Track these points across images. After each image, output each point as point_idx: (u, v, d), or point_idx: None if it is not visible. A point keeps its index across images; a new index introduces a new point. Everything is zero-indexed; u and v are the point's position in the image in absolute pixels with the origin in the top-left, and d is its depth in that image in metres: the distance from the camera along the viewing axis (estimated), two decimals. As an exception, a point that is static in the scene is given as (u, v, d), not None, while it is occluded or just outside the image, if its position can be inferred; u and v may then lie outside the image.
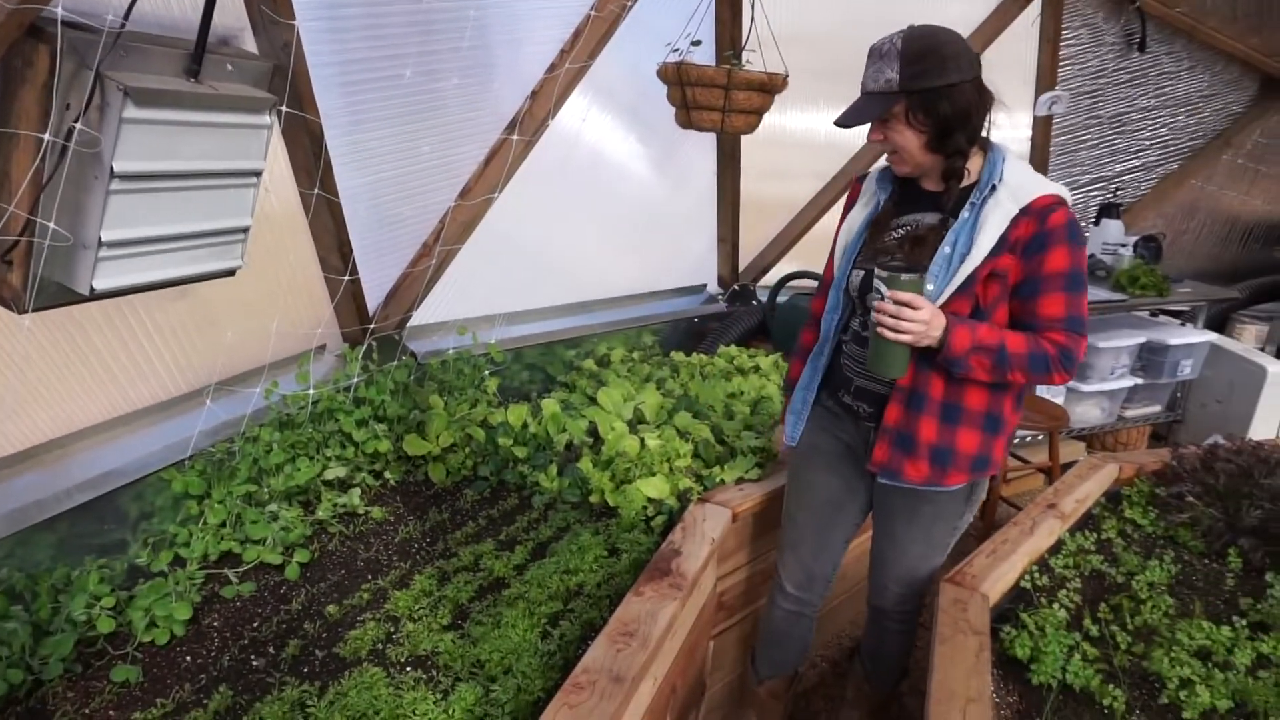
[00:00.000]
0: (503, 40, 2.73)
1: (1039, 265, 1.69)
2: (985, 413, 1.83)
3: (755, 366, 3.51)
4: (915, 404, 1.82)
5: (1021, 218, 1.68)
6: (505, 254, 3.24)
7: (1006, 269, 1.70)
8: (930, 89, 1.64)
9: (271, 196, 2.24)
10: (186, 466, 2.20)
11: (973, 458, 1.85)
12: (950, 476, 1.86)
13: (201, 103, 1.62)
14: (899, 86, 1.64)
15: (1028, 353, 1.70)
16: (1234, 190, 5.69)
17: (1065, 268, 1.69)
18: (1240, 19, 4.68)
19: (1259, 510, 2.20)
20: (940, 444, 1.83)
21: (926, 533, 1.98)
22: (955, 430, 1.82)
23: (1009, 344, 1.69)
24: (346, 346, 2.77)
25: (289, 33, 1.94)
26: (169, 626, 1.82)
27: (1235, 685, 1.64)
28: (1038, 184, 1.73)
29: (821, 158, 4.21)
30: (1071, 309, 1.71)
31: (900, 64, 1.64)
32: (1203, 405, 4.70)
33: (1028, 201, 1.69)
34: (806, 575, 2.20)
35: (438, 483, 2.56)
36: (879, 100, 1.69)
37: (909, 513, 1.96)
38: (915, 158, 1.74)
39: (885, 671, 2.28)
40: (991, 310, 1.74)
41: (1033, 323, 1.74)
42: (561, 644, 1.76)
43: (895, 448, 1.86)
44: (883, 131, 1.73)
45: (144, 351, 2.08)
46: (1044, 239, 1.67)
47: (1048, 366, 1.71)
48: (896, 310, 1.62)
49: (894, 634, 2.18)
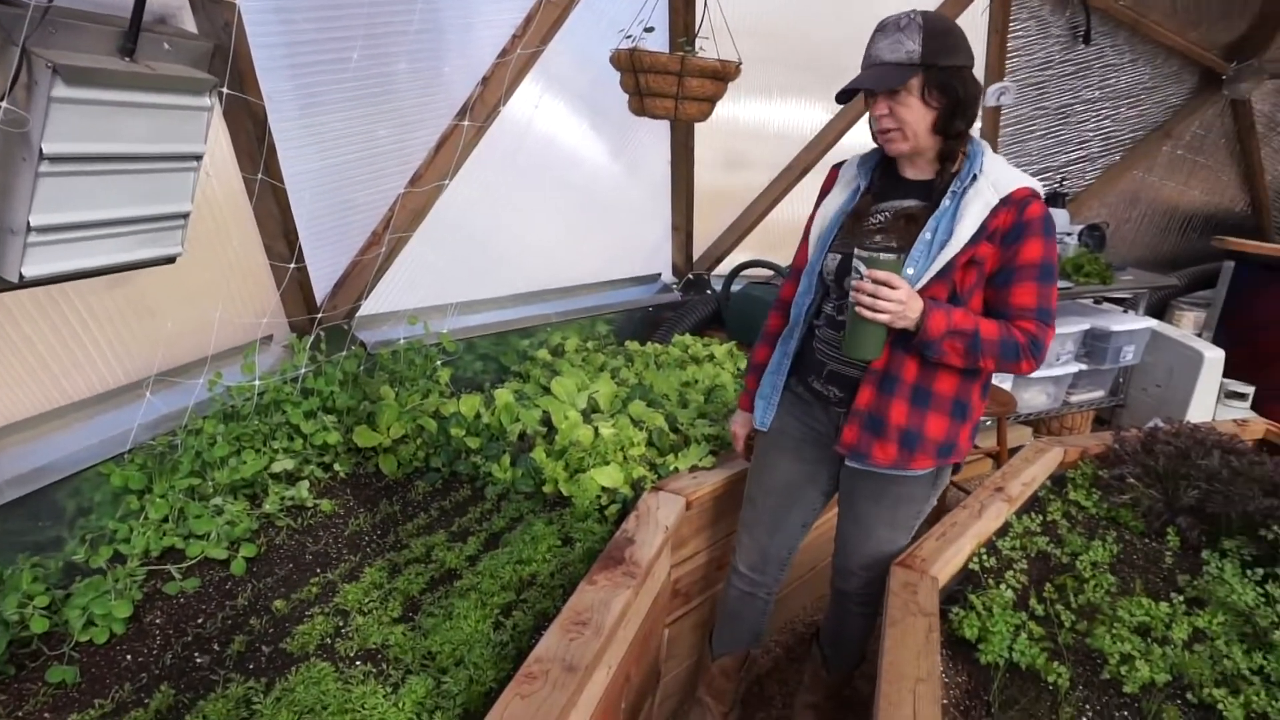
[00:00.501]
0: (453, 24, 2.69)
1: (1015, 255, 1.73)
2: (954, 399, 1.87)
3: (710, 355, 3.52)
4: (887, 387, 1.84)
5: (1001, 207, 1.71)
6: (457, 242, 3.20)
7: (984, 257, 1.73)
8: (948, 67, 1.67)
9: (213, 181, 2.18)
10: (126, 460, 2.13)
11: (940, 443, 1.89)
12: (917, 460, 1.89)
13: (137, 82, 1.57)
14: (920, 59, 1.65)
15: (999, 339, 1.73)
16: (1173, 181, 5.85)
17: (1039, 259, 1.73)
18: (1180, 13, 4.80)
19: (1195, 490, 2.27)
20: (909, 427, 1.85)
21: (892, 515, 2.00)
22: (925, 414, 1.85)
23: (983, 330, 1.72)
24: (294, 336, 2.71)
25: (229, 11, 1.88)
26: (108, 625, 1.77)
27: (1173, 659, 1.69)
28: (1017, 176, 1.76)
29: (775, 148, 4.23)
30: (1042, 299, 1.75)
31: (923, 37, 1.64)
32: (1144, 390, 4.83)
33: (1008, 192, 1.72)
34: (761, 557, 2.22)
35: (389, 474, 2.52)
36: (899, 70, 1.67)
37: (875, 495, 1.98)
38: (919, 136, 1.74)
39: (844, 656, 2.30)
40: (967, 297, 1.77)
41: (1005, 311, 1.77)
42: (514, 634, 1.74)
43: (865, 430, 1.88)
44: (890, 105, 1.72)
45: (79, 341, 2.01)
46: (1021, 229, 1.71)
47: (1018, 354, 1.74)
48: (875, 289, 1.63)
49: (856, 617, 2.20)
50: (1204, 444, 2.47)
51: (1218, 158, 5.87)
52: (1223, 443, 2.49)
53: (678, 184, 4.05)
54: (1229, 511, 2.18)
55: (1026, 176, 1.77)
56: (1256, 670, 1.67)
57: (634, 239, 4.18)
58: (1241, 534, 2.15)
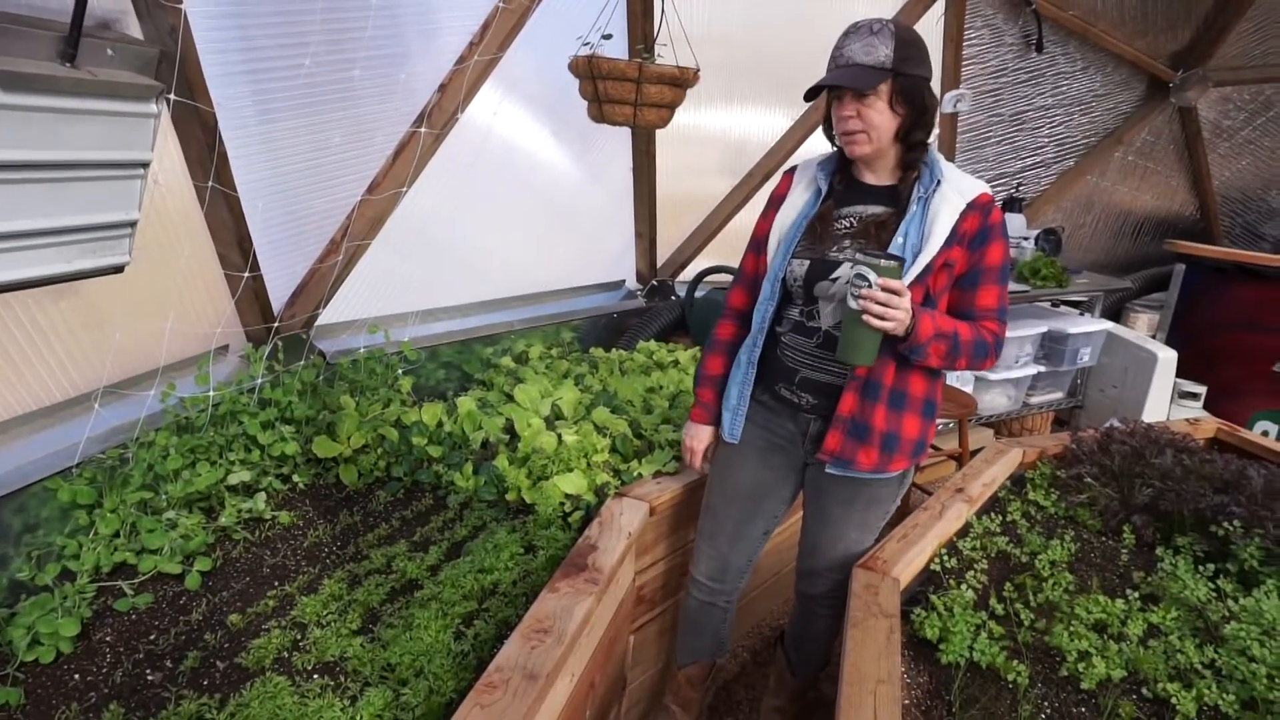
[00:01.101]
0: (409, 30, 2.66)
1: (981, 258, 1.79)
2: (925, 398, 1.92)
3: (674, 361, 3.52)
4: (870, 393, 1.85)
5: (969, 212, 1.76)
6: (418, 250, 3.17)
7: (955, 259, 1.78)
8: (915, 76, 1.72)
9: (163, 189, 2.13)
10: (74, 474, 2.08)
11: (915, 442, 1.93)
12: (895, 462, 1.92)
13: (78, 89, 1.53)
14: (892, 65, 1.68)
15: (974, 340, 1.80)
16: (1126, 186, 5.98)
17: (1000, 261, 1.81)
18: (1128, 23, 4.92)
19: (1150, 489, 2.31)
20: (889, 430, 1.88)
21: (863, 517, 2.02)
22: (902, 416, 1.89)
23: (961, 332, 1.78)
24: (250, 346, 2.67)
25: (175, 16, 1.85)
26: (54, 644, 1.71)
27: (1128, 655, 1.71)
28: (975, 182, 1.82)
29: (736, 154, 4.25)
30: (1002, 300, 1.84)
31: (895, 44, 1.68)
32: (1101, 391, 4.92)
33: (973, 197, 1.77)
34: (721, 566, 2.20)
35: (349, 485, 2.48)
36: (872, 73, 1.69)
37: (847, 499, 1.99)
38: (883, 140, 1.77)
39: (809, 659, 2.30)
40: (938, 299, 1.82)
41: (971, 312, 1.84)
42: (476, 644, 1.72)
43: (849, 436, 1.88)
44: (858, 108, 1.73)
45: (22, 354, 1.95)
46: (987, 233, 1.78)
47: (986, 352, 1.82)
48: (888, 298, 1.61)
49: (822, 619, 2.19)
50: (1158, 443, 2.51)
51: (1167, 163, 6.01)
52: (1175, 442, 2.54)
53: (640, 191, 4.05)
54: (1181, 509, 2.22)
55: (982, 183, 1.83)
56: (1208, 664, 1.70)
57: (598, 246, 4.17)
58: (1194, 531, 2.20)
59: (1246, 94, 5.67)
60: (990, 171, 5.34)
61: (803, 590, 2.20)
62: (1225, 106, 5.72)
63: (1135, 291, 6.25)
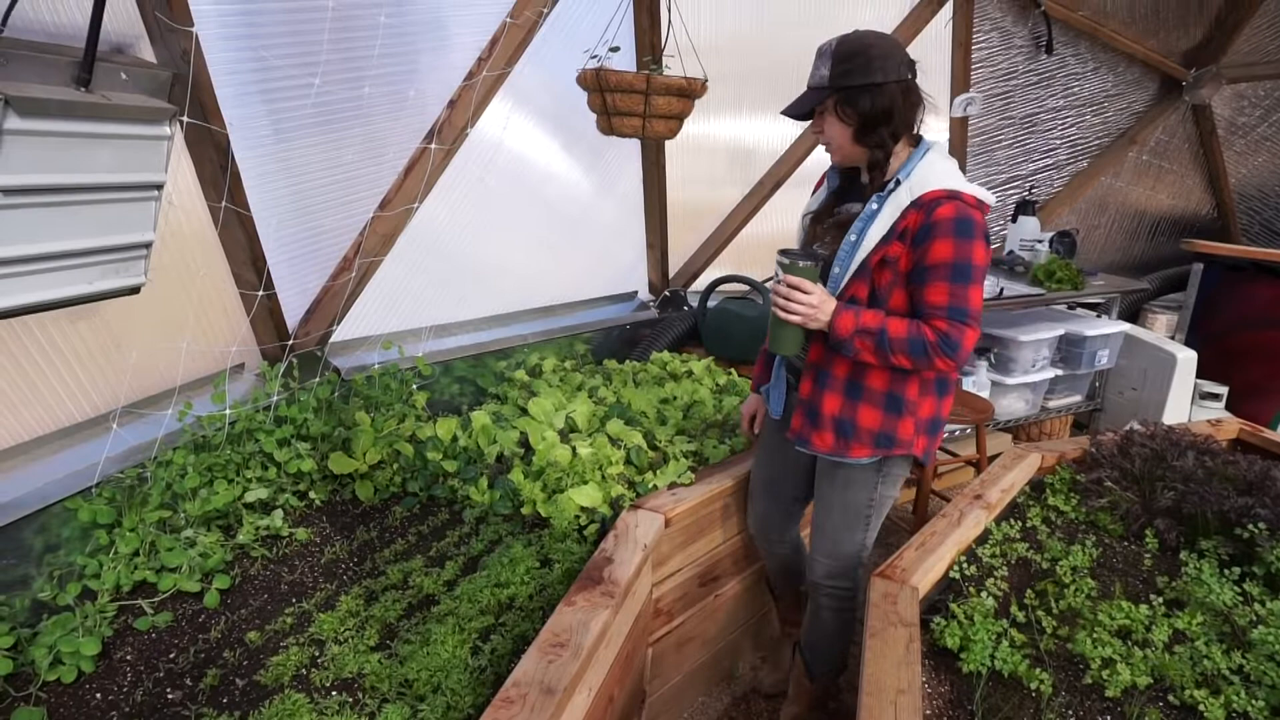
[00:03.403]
0: (418, 48, 2.68)
1: (924, 255, 1.82)
2: (886, 392, 1.99)
3: (688, 372, 3.51)
4: (821, 380, 2.02)
5: (911, 209, 1.82)
6: (431, 265, 3.18)
7: (896, 256, 1.85)
8: (855, 86, 1.80)
9: (178, 210, 2.16)
10: (94, 494, 2.10)
11: (875, 433, 2.01)
12: (854, 449, 2.03)
13: (93, 113, 1.55)
14: (828, 83, 1.82)
15: (907, 338, 1.83)
16: (1140, 186, 5.93)
17: (949, 258, 1.80)
18: (1138, 21, 4.89)
19: (1172, 492, 2.28)
20: (842, 417, 2.01)
21: (844, 497, 2.13)
22: (857, 406, 2.00)
23: (890, 329, 1.84)
24: (265, 364, 2.68)
25: (187, 40, 1.87)
26: (76, 663, 1.73)
27: (1154, 662, 1.68)
28: (938, 179, 1.83)
29: (746, 163, 4.25)
30: (954, 298, 1.81)
31: (832, 63, 1.81)
32: (1120, 393, 4.87)
33: (920, 194, 1.82)
34: (761, 519, 2.46)
35: (365, 501, 2.49)
36: (813, 94, 1.86)
37: (829, 476, 2.16)
38: (844, 148, 1.91)
39: (823, 660, 2.35)
40: (887, 295, 1.88)
41: (920, 309, 1.87)
42: (493, 659, 1.72)
43: (805, 418, 2.07)
44: (820, 124, 1.91)
45: (41, 375, 1.97)
46: (929, 230, 1.80)
47: (926, 351, 1.83)
48: (788, 293, 1.81)
49: (827, 612, 2.28)
50: (1179, 445, 2.49)
51: (1182, 162, 5.96)
52: (1197, 443, 2.51)
53: (650, 201, 4.05)
54: (1205, 512, 2.19)
55: (952, 180, 1.84)
56: (1236, 670, 1.67)
57: (609, 257, 4.17)
58: (1218, 534, 2.16)
59: (1261, 90, 5.62)
60: (1002, 175, 5.31)
61: (808, 579, 2.32)
62: (1240, 103, 5.67)
63: (1153, 292, 6.19)
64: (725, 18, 3.63)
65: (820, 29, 1.81)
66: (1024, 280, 4.51)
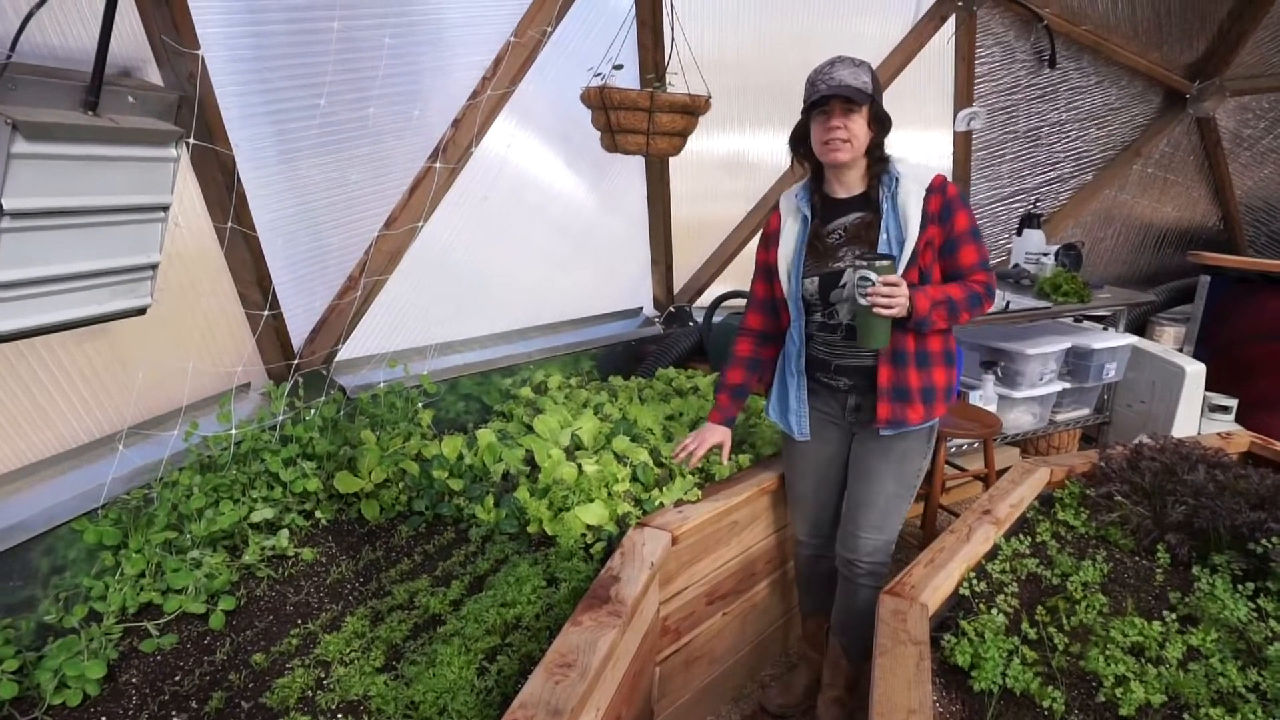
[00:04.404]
0: (422, 68, 2.70)
1: (952, 228, 2.15)
2: (944, 351, 2.27)
3: (694, 388, 3.50)
4: (899, 361, 2.20)
5: (930, 195, 2.14)
6: (436, 283, 3.19)
7: (934, 236, 2.15)
8: (880, 103, 2.13)
9: (184, 231, 2.17)
10: (100, 516, 2.09)
11: (946, 389, 2.28)
12: (938, 409, 2.27)
13: (100, 136, 1.56)
14: (870, 92, 2.08)
15: (966, 295, 2.14)
16: (1146, 198, 5.92)
17: (969, 225, 2.17)
18: (1141, 35, 4.89)
19: (1183, 506, 2.26)
20: (924, 386, 2.23)
21: (899, 469, 2.30)
22: (931, 371, 2.24)
23: (953, 294, 2.12)
24: (271, 384, 2.69)
25: (194, 63, 1.89)
26: (81, 686, 1.72)
27: (1168, 679, 1.66)
28: (925, 170, 2.19)
29: (749, 179, 4.26)
30: (981, 254, 2.19)
31: (870, 78, 2.09)
32: (1128, 406, 4.84)
33: (928, 182, 2.15)
34: (814, 524, 2.55)
35: (371, 520, 2.48)
36: (862, 93, 2.06)
37: (883, 451, 2.30)
38: (859, 150, 2.14)
39: (856, 639, 2.42)
40: (930, 272, 2.17)
41: (959, 272, 2.18)
42: (499, 679, 1.71)
43: (894, 402, 2.22)
44: (845, 121, 2.09)
45: (49, 397, 1.97)
46: (950, 206, 2.15)
47: (980, 301, 2.16)
48: (889, 291, 1.98)
49: (863, 589, 2.36)
50: (1189, 459, 2.47)
51: (1188, 174, 5.95)
52: (1207, 457, 2.49)
53: (655, 218, 4.06)
54: (1217, 526, 2.17)
55: (933, 168, 2.26)
56: (1252, 687, 1.65)
57: (614, 274, 4.18)
58: (1230, 548, 2.14)
59: (1266, 102, 5.61)
60: (1007, 188, 5.31)
61: (842, 557, 2.40)
62: (1244, 115, 5.66)
63: (1160, 304, 6.15)
64: (728, 34, 3.65)
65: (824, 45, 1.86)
66: (1030, 293, 4.50)
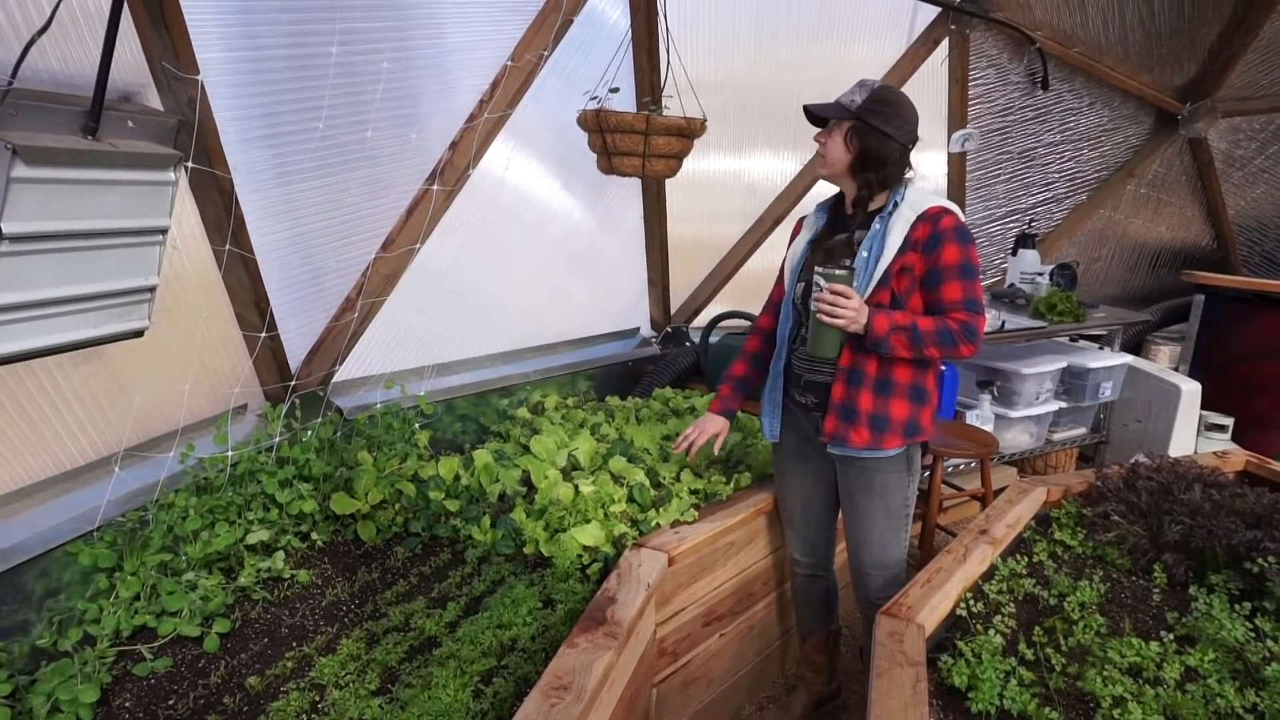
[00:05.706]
0: (420, 92, 2.72)
1: (937, 259, 2.08)
2: (911, 385, 2.19)
3: (691, 408, 3.50)
4: (854, 381, 2.17)
5: (919, 222, 2.09)
6: (433, 305, 3.20)
7: (912, 264, 2.09)
8: (871, 125, 2.07)
9: (182, 254, 2.18)
10: (95, 538, 2.09)
11: (905, 423, 2.19)
12: (887, 441, 2.18)
13: (99, 160, 1.58)
14: (854, 109, 2.08)
15: (936, 329, 2.06)
16: (1139, 218, 5.96)
17: (957, 260, 2.07)
18: (1132, 58, 4.94)
19: (1179, 525, 2.26)
20: (876, 412, 2.17)
21: (884, 503, 2.26)
22: (889, 400, 2.17)
23: (920, 324, 2.06)
24: (268, 405, 2.69)
25: (193, 88, 1.90)
26: (74, 711, 1.71)
27: (1166, 700, 1.66)
28: (933, 199, 2.13)
29: (746, 200, 4.29)
30: (967, 292, 2.08)
31: (867, 97, 2.08)
32: (1124, 425, 4.85)
33: (922, 210, 2.10)
34: (807, 544, 2.55)
35: (367, 541, 2.48)
36: (839, 109, 2.11)
37: (865, 485, 2.26)
38: (835, 167, 2.16)
39: None
40: (905, 299, 2.12)
41: (939, 307, 2.10)
42: (495, 702, 1.70)
43: (840, 419, 2.19)
44: (823, 136, 2.16)
45: (45, 419, 1.98)
46: (938, 238, 2.07)
47: (953, 340, 2.06)
48: (833, 299, 1.98)
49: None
50: (1185, 478, 2.47)
51: (1181, 194, 5.99)
52: (1204, 476, 2.50)
53: (652, 239, 4.08)
54: (1213, 545, 2.17)
55: (943, 200, 2.14)
56: (1250, 708, 1.64)
57: (611, 294, 4.19)
58: (1227, 568, 2.14)
59: (1257, 123, 5.66)
60: (1001, 209, 5.34)
61: (860, 596, 2.41)
62: (1236, 136, 5.71)
63: (1155, 323, 6.17)
64: (723, 57, 3.68)
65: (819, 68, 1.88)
66: (1025, 313, 4.51)
